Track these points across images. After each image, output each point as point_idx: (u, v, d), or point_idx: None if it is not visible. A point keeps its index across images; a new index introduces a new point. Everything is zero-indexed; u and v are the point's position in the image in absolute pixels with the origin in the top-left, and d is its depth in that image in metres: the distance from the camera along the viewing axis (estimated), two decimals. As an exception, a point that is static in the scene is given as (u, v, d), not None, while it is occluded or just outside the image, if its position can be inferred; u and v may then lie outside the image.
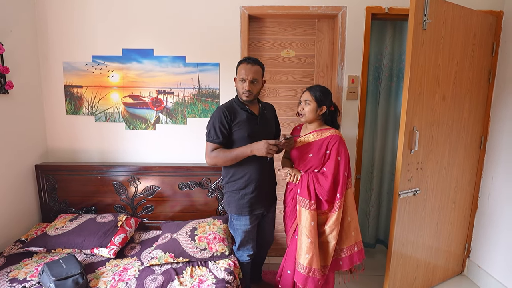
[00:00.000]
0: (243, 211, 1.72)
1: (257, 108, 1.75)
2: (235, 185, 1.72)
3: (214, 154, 1.65)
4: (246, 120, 1.66)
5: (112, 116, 2.25)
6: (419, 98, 1.79)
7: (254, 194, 1.71)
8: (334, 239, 1.61)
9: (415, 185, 1.90)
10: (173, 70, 2.18)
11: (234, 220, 1.79)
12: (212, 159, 1.66)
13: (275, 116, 1.91)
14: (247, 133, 1.64)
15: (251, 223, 1.75)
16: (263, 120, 1.74)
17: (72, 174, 2.18)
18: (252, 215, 1.74)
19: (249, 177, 1.69)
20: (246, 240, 1.79)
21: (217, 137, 1.63)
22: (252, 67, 1.62)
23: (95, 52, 2.18)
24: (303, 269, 1.61)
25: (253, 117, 1.69)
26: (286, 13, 2.11)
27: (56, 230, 1.92)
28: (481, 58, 2.04)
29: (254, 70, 1.62)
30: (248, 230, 1.76)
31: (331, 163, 1.59)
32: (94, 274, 1.70)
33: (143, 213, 2.24)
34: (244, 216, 1.73)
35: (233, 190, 1.74)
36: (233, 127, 1.65)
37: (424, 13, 1.69)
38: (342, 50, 2.14)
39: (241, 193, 1.71)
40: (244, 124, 1.65)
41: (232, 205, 1.75)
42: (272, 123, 1.85)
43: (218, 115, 1.63)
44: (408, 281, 2.05)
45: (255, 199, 1.72)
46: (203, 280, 1.65)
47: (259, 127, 1.70)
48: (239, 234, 1.79)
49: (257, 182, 1.70)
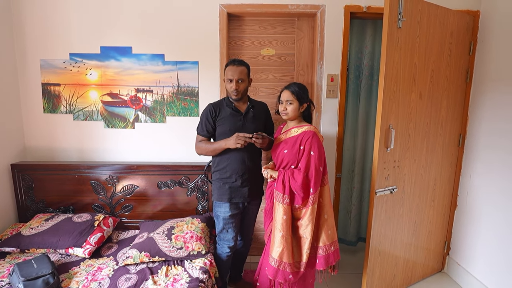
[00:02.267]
0: (223, 198, 1.82)
1: (244, 106, 1.84)
2: (219, 174, 1.84)
3: (199, 144, 1.86)
4: (229, 116, 1.80)
5: (91, 115, 2.22)
6: (394, 96, 1.79)
7: (236, 184, 1.81)
8: (309, 235, 1.61)
9: (392, 183, 1.91)
10: (152, 68, 2.16)
11: (215, 206, 1.88)
12: (197, 149, 1.87)
13: (267, 114, 1.97)
14: (228, 128, 1.78)
15: (231, 210, 1.83)
16: (248, 118, 1.82)
17: (50, 173, 2.15)
18: (231, 203, 1.82)
19: (230, 168, 1.81)
20: (226, 229, 1.85)
21: (202, 130, 1.84)
22: (238, 68, 1.76)
23: (73, 50, 2.15)
24: (274, 262, 1.62)
25: (237, 114, 1.81)
26: (265, 11, 2.10)
27: (30, 230, 1.89)
28: (459, 57, 2.06)
29: (240, 71, 1.76)
30: (227, 218, 1.83)
31: (304, 157, 1.60)
32: (67, 274, 1.68)
33: (122, 213, 2.22)
34: (224, 203, 1.83)
35: (217, 178, 1.86)
36: (217, 122, 1.82)
37: (399, 11, 1.70)
38: (321, 48, 2.14)
39: (222, 181, 1.83)
40: (227, 119, 1.80)
41: (215, 192, 1.87)
42: (260, 122, 1.89)
43: (205, 111, 1.84)
44: (386, 278, 2.05)
45: (235, 188, 1.82)
46: (178, 279, 1.64)
47: (242, 123, 1.80)
48: (219, 221, 1.87)
49: (238, 173, 1.81)
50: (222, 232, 1.87)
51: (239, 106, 1.83)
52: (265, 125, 1.94)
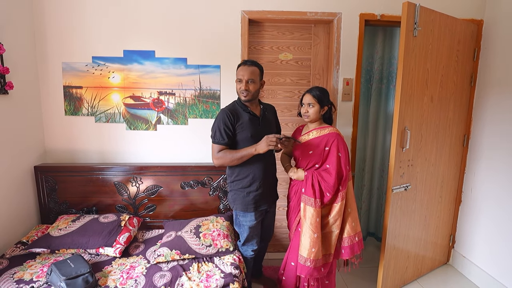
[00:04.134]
0: (249, 208, 1.80)
1: (258, 109, 1.83)
2: (240, 183, 1.80)
3: (221, 155, 1.71)
4: (248, 121, 1.74)
5: (113, 117, 2.26)
6: (410, 100, 1.92)
7: (259, 191, 1.80)
8: (337, 228, 1.72)
9: (406, 180, 2.04)
10: (175, 72, 2.22)
11: (240, 217, 1.86)
12: (218, 160, 1.73)
13: (276, 116, 2.00)
14: (250, 134, 1.72)
15: (256, 219, 1.83)
16: (265, 121, 1.82)
17: (72, 174, 2.18)
18: (257, 211, 1.82)
19: (253, 176, 1.78)
20: (251, 236, 1.87)
21: (222, 139, 1.70)
22: (249, 68, 1.70)
23: (95, 53, 2.18)
24: (309, 262, 1.70)
25: (255, 118, 1.78)
26: (285, 18, 2.20)
27: (59, 231, 1.92)
28: (464, 63, 2.21)
29: (251, 71, 1.69)
30: (253, 226, 1.84)
31: (333, 159, 1.70)
32: (102, 273, 1.72)
33: (145, 213, 2.26)
34: (249, 213, 1.81)
35: (238, 189, 1.82)
36: (236, 128, 1.72)
37: (415, 21, 1.82)
38: (338, 54, 2.25)
39: (246, 191, 1.79)
40: (247, 125, 1.73)
41: (237, 202, 1.83)
42: (273, 124, 1.93)
43: (222, 117, 1.70)
44: (400, 270, 2.19)
45: (259, 196, 1.80)
46: (211, 275, 1.71)
47: (261, 128, 1.78)
48: (245, 230, 1.87)
49: (261, 180, 1.79)
50: (247, 240, 1.88)
51: (254, 110, 1.79)
52: (276, 127, 1.98)
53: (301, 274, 1.75)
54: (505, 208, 2.08)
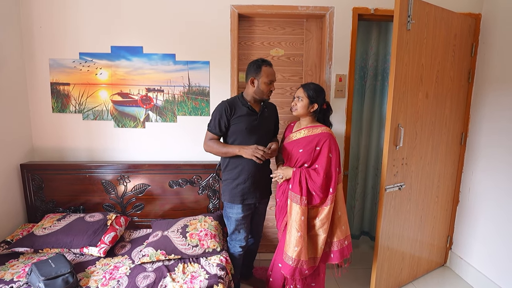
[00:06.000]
0: (235, 199, 1.81)
1: (259, 106, 1.85)
2: (230, 174, 1.82)
3: (210, 143, 1.80)
4: (246, 115, 1.78)
5: (101, 114, 2.22)
6: (403, 96, 1.86)
7: (247, 184, 1.80)
8: (324, 232, 1.66)
9: (400, 179, 1.97)
10: (163, 68, 2.17)
11: (227, 208, 1.87)
12: (207, 147, 1.82)
13: (276, 115, 2.00)
14: (245, 126, 1.76)
15: (243, 212, 1.83)
16: (262, 118, 1.83)
17: (60, 173, 2.14)
18: (244, 204, 1.82)
19: (242, 168, 1.79)
20: (238, 229, 1.86)
21: (214, 128, 1.78)
22: (273, 70, 1.80)
23: (83, 49, 2.14)
24: (291, 261, 1.66)
25: (253, 113, 1.80)
26: (275, 12, 2.14)
27: (43, 230, 1.88)
28: (461, 58, 2.14)
29: (275, 73, 1.81)
30: (239, 219, 1.83)
31: (323, 159, 1.64)
32: (84, 273, 1.68)
33: (133, 212, 2.22)
34: (236, 205, 1.82)
35: (227, 179, 1.84)
36: (232, 121, 1.77)
37: (408, 14, 1.76)
38: (330, 49, 2.19)
39: (234, 182, 1.81)
40: (243, 118, 1.77)
41: (226, 193, 1.85)
42: (272, 122, 1.93)
43: (221, 108, 1.77)
44: (394, 272, 2.12)
45: (247, 189, 1.80)
46: (196, 276, 1.66)
47: (258, 123, 1.80)
48: (231, 222, 1.87)
49: (250, 174, 1.79)
50: (234, 233, 1.88)
51: (254, 106, 1.82)
52: (275, 125, 1.98)
53: (283, 271, 1.72)
54: (504, 208, 2.00)
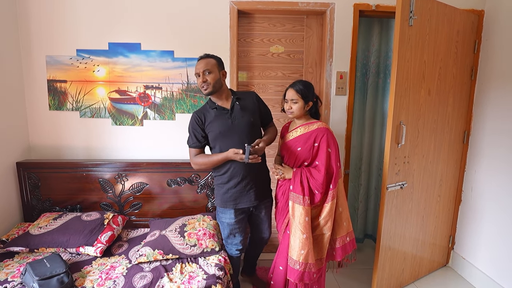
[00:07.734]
0: (227, 204, 1.75)
1: (229, 102, 1.72)
2: (220, 179, 1.76)
3: (195, 160, 1.74)
4: (215, 118, 1.68)
5: (98, 112, 2.19)
6: (405, 93, 1.82)
7: (238, 188, 1.72)
8: (328, 230, 1.62)
9: (402, 178, 1.94)
10: (161, 65, 2.14)
11: (219, 212, 1.83)
12: (195, 165, 1.75)
13: (258, 102, 1.80)
14: (218, 131, 1.67)
15: (236, 217, 1.76)
16: (236, 113, 1.69)
17: (56, 171, 2.11)
18: (237, 209, 1.75)
19: (231, 172, 1.70)
20: (233, 234, 1.81)
21: (193, 142, 1.73)
22: (203, 61, 1.65)
23: (80, 46, 2.11)
24: (299, 265, 1.60)
25: (223, 112, 1.68)
26: (275, 8, 2.11)
27: (39, 229, 1.85)
28: (464, 55, 2.10)
29: (205, 63, 1.64)
30: (232, 224, 1.77)
31: (323, 155, 1.61)
32: (80, 273, 1.65)
33: (130, 211, 2.19)
34: (228, 210, 1.76)
35: (218, 184, 1.78)
36: (207, 129, 1.70)
37: (410, 9, 1.73)
38: (331, 46, 2.16)
39: (225, 187, 1.74)
40: (214, 123, 1.68)
41: (217, 198, 1.80)
42: (251, 112, 1.73)
43: (192, 120, 1.72)
44: (395, 273, 2.08)
45: (239, 193, 1.72)
46: (193, 276, 1.63)
47: (232, 121, 1.67)
48: (224, 227, 1.82)
49: (241, 177, 1.70)
50: (229, 238, 1.82)
51: (223, 104, 1.70)
52: (260, 113, 1.79)
53: (290, 278, 1.65)
54: (507, 208, 1.97)
